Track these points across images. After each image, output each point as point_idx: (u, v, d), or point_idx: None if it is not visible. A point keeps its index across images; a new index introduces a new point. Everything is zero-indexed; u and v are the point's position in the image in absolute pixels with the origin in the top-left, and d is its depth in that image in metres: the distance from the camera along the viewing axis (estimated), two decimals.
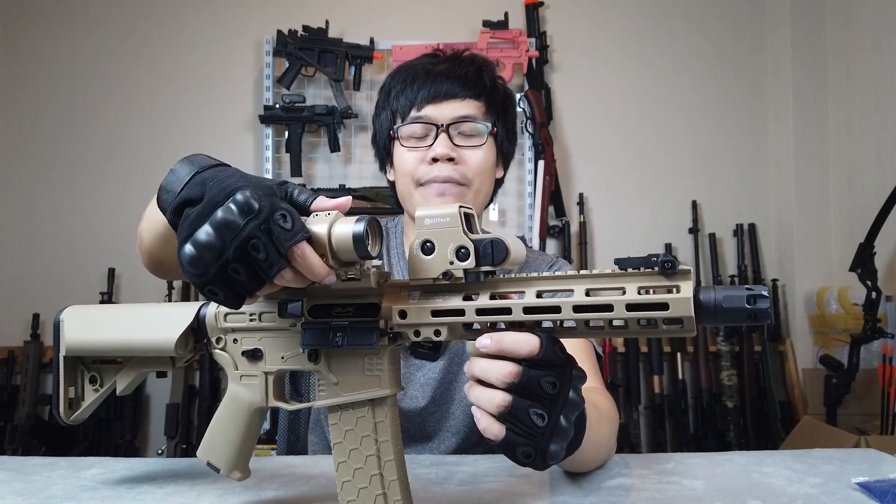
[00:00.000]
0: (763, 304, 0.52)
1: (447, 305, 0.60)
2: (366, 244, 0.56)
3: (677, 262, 0.54)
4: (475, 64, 1.06)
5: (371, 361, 0.64)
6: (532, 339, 0.56)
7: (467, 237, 0.58)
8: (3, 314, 2.64)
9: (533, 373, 0.56)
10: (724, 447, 2.49)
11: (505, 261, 0.58)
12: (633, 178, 2.76)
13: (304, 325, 0.64)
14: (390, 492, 0.62)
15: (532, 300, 0.57)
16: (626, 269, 0.55)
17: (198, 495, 0.78)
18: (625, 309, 0.54)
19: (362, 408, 0.63)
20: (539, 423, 0.55)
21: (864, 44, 2.39)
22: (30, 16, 2.75)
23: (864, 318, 2.07)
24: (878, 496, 0.73)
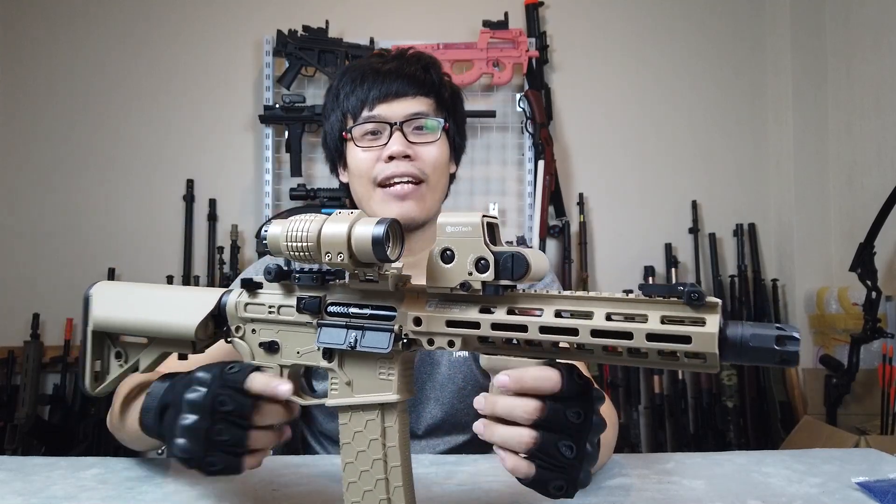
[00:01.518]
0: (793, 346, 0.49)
1: (463, 317, 0.58)
2: (384, 247, 0.57)
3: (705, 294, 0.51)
4: (421, 62, 1.07)
5: (384, 365, 0.63)
6: (553, 374, 0.55)
7: (488, 248, 0.57)
8: (3, 314, 2.64)
9: (557, 406, 0.55)
10: (724, 447, 2.49)
11: (525, 276, 0.56)
12: (633, 178, 2.76)
13: (319, 323, 0.65)
14: (395, 497, 0.62)
15: (550, 319, 0.55)
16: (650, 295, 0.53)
17: (198, 495, 0.78)
18: (644, 338, 0.52)
19: (372, 411, 0.63)
20: (568, 454, 0.55)
21: (864, 44, 2.39)
22: (30, 16, 2.74)
23: (864, 318, 2.07)
24: (878, 496, 0.73)
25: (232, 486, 0.81)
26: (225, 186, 2.71)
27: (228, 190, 2.71)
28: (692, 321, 0.51)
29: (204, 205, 2.67)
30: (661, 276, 2.69)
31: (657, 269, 2.67)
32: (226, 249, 2.61)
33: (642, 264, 2.67)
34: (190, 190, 2.67)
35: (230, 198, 2.71)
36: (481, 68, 2.62)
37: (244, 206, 2.71)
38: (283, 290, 0.68)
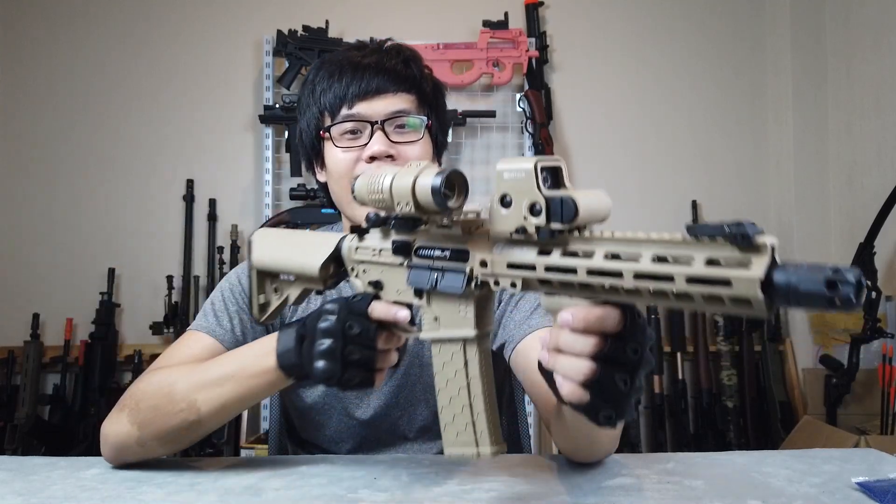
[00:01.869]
0: (846, 290, 0.45)
1: (521, 259, 0.62)
2: (442, 196, 0.64)
3: (753, 235, 0.49)
4: (402, 55, 1.02)
5: (462, 304, 0.68)
6: (615, 314, 0.57)
7: (540, 193, 0.59)
8: (3, 314, 2.64)
9: (618, 342, 0.58)
10: (724, 447, 2.48)
11: (574, 219, 0.58)
12: (633, 178, 2.75)
13: (409, 265, 0.71)
14: (478, 421, 0.67)
15: (597, 262, 0.57)
16: (697, 236, 0.52)
17: (198, 495, 0.78)
18: (685, 282, 0.52)
19: (455, 344, 0.68)
20: (623, 387, 0.57)
21: (864, 44, 2.39)
22: (30, 16, 2.74)
23: (864, 318, 2.07)
24: (878, 496, 0.73)
25: (232, 486, 0.81)
26: (225, 186, 2.71)
27: (228, 190, 2.71)
28: (738, 263, 0.49)
29: (204, 205, 2.67)
30: None
31: None
32: (226, 249, 2.61)
33: None
34: (190, 190, 2.67)
35: (230, 198, 2.71)
36: (481, 68, 2.62)
37: (244, 206, 2.71)
38: (382, 235, 0.75)
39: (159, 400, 0.85)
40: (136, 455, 0.88)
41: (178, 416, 0.84)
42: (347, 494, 0.77)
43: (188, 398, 0.84)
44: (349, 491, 0.78)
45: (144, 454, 0.88)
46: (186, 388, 0.84)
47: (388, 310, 0.73)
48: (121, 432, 0.86)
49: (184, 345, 0.97)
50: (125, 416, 0.86)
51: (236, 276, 1.05)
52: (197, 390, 0.84)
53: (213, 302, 1.02)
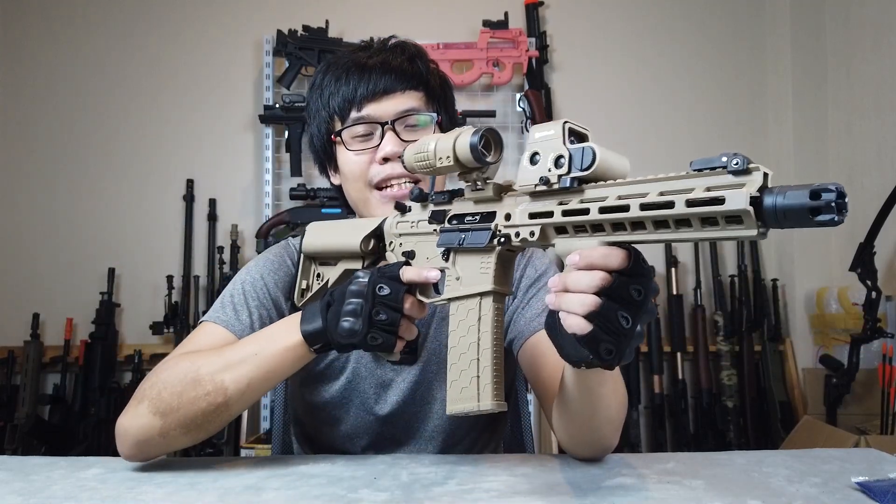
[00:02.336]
0: (829, 196, 0.48)
1: (540, 208, 0.67)
2: (480, 151, 0.71)
3: (747, 163, 0.53)
4: (407, 52, 1.02)
5: (485, 259, 0.73)
6: (620, 252, 0.61)
7: (565, 147, 0.65)
8: (3, 314, 2.64)
9: (623, 279, 0.61)
10: (724, 447, 2.48)
11: (592, 166, 0.63)
12: (632, 178, 2.75)
13: (442, 229, 0.78)
14: (482, 376, 0.71)
15: (608, 201, 0.61)
16: (699, 170, 0.56)
17: (198, 495, 0.78)
18: (685, 205, 0.55)
19: (473, 300, 0.73)
20: (625, 324, 0.61)
21: (864, 44, 2.39)
22: (30, 16, 2.75)
23: (864, 318, 2.07)
24: (878, 496, 0.73)
25: (232, 486, 0.81)
26: (225, 186, 2.71)
27: (228, 190, 2.71)
28: (732, 186, 0.53)
29: (204, 205, 2.67)
30: (661, 276, 2.69)
31: (657, 269, 2.67)
32: (226, 249, 2.61)
33: None
34: (190, 190, 2.67)
35: (230, 198, 2.71)
36: (481, 68, 2.62)
37: (244, 205, 2.71)
38: (421, 209, 0.83)
39: (184, 386, 0.83)
40: (158, 447, 0.85)
41: (206, 399, 0.82)
42: (347, 494, 0.77)
43: (214, 380, 0.82)
44: (349, 491, 0.78)
45: (166, 446, 0.85)
46: (212, 371, 0.83)
47: (419, 272, 0.78)
48: (142, 425, 0.83)
49: (200, 335, 0.95)
50: (145, 407, 0.83)
51: (259, 272, 1.02)
52: (223, 371, 0.83)
53: (233, 294, 0.99)
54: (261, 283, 1.00)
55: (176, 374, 0.84)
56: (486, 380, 0.70)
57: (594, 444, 0.89)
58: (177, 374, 0.84)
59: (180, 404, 0.82)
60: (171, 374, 0.84)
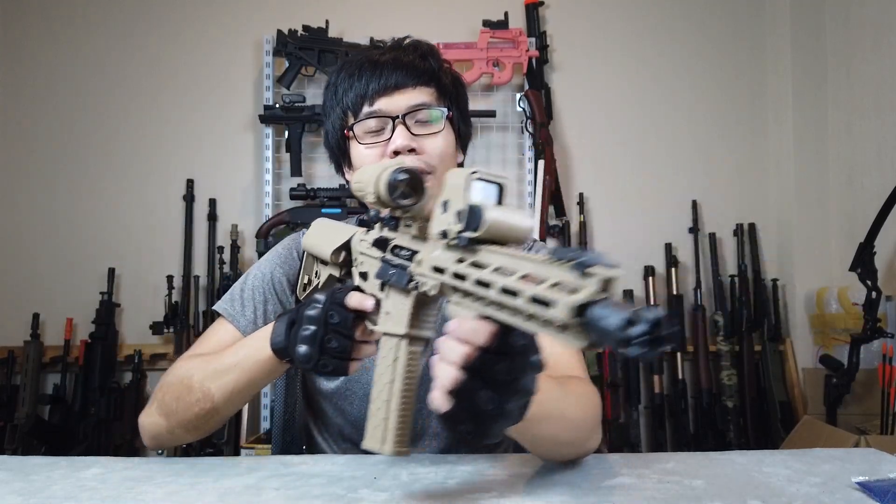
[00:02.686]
0: (636, 330, 0.43)
1: (440, 263, 0.63)
2: (396, 191, 0.70)
3: (592, 263, 0.48)
4: (419, 50, 1.05)
5: (405, 301, 0.71)
6: (487, 328, 0.57)
7: (465, 202, 0.61)
8: (3, 314, 2.64)
9: (488, 358, 0.57)
10: (724, 447, 2.48)
11: (479, 229, 0.59)
12: (633, 178, 2.76)
13: (382, 259, 0.76)
14: (390, 420, 0.68)
15: (483, 273, 0.57)
16: (559, 259, 0.52)
17: (198, 495, 0.78)
18: (528, 300, 0.51)
19: (392, 339, 0.71)
20: (486, 406, 0.57)
21: (864, 44, 2.39)
22: (30, 16, 2.74)
23: (864, 318, 2.07)
24: (878, 496, 0.73)
25: (232, 486, 0.81)
26: (225, 186, 2.71)
27: (228, 190, 2.71)
28: (571, 290, 0.49)
29: (204, 205, 2.68)
30: (662, 276, 2.69)
31: (657, 269, 2.67)
32: (226, 249, 2.61)
33: (642, 264, 2.67)
34: (190, 190, 2.67)
35: (230, 198, 2.71)
36: (481, 68, 2.62)
37: (244, 205, 2.71)
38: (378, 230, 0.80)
39: (180, 391, 0.92)
40: (168, 442, 0.96)
41: (197, 405, 0.90)
42: (347, 494, 0.77)
43: (203, 388, 0.90)
44: (349, 491, 0.78)
45: (175, 441, 0.96)
46: (201, 379, 0.90)
47: (361, 300, 0.76)
48: (153, 423, 0.95)
49: (211, 334, 1.05)
50: (154, 408, 0.95)
51: (268, 266, 1.09)
52: (210, 380, 0.90)
53: (244, 288, 1.07)
54: (269, 277, 1.07)
55: (176, 379, 0.93)
56: (392, 424, 0.68)
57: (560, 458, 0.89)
58: (176, 380, 0.93)
59: (178, 408, 0.92)
60: (174, 378, 0.94)
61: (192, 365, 0.94)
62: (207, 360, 0.93)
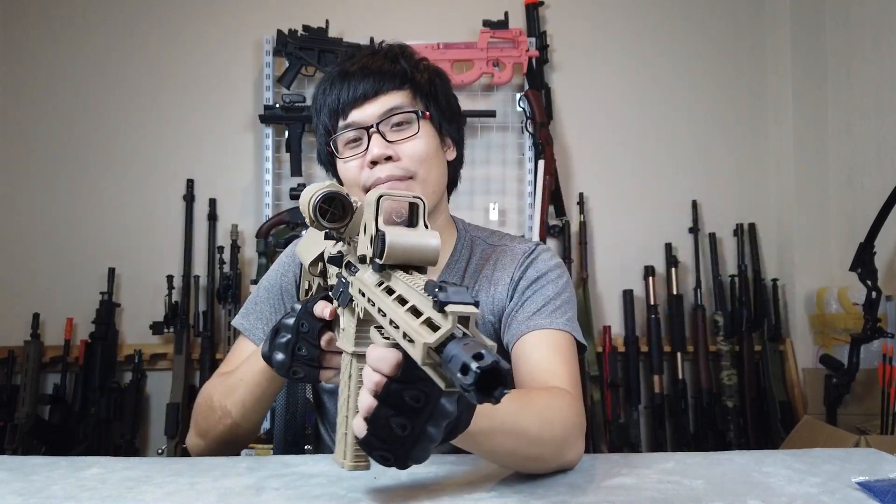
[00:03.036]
0: (468, 378, 0.43)
1: (363, 286, 0.65)
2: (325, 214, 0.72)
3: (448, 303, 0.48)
4: (390, 53, 1.03)
5: (351, 319, 0.71)
6: (391, 357, 0.57)
7: (375, 226, 0.62)
8: (3, 314, 2.63)
9: (395, 386, 0.57)
10: (724, 447, 2.48)
11: (382, 255, 0.60)
12: (633, 178, 2.76)
13: (338, 275, 0.77)
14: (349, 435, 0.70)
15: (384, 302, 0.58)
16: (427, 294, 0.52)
17: (198, 495, 0.78)
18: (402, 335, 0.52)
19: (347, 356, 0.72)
20: (399, 432, 0.57)
21: (864, 44, 2.39)
22: (30, 16, 2.74)
23: (864, 318, 2.07)
24: (878, 496, 0.73)
25: (232, 486, 0.81)
26: (225, 186, 2.71)
27: (228, 190, 2.71)
28: (434, 326, 0.50)
29: (204, 204, 2.68)
30: (662, 276, 2.69)
31: (657, 269, 2.67)
32: (226, 249, 2.61)
33: (642, 264, 2.67)
34: (190, 190, 2.67)
35: (230, 198, 2.71)
36: (481, 68, 2.62)
37: (244, 205, 2.71)
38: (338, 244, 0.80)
39: (206, 411, 0.99)
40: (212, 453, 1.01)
41: (220, 422, 0.97)
42: (347, 494, 0.77)
43: (221, 405, 0.97)
44: (349, 491, 0.78)
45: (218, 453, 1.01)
46: (219, 397, 0.97)
47: (322, 309, 0.79)
48: (195, 445, 1.03)
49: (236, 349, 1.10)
50: (192, 430, 1.03)
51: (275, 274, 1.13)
52: (225, 396, 0.96)
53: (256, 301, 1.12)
54: (277, 288, 1.11)
55: (203, 399, 1.01)
56: (351, 439, 0.69)
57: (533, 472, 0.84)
58: (203, 400, 1.01)
59: (208, 427, 0.99)
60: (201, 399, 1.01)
61: (214, 384, 1.01)
62: (224, 378, 0.99)
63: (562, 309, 1.01)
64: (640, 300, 2.68)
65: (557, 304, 1.01)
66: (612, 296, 2.71)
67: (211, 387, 1.01)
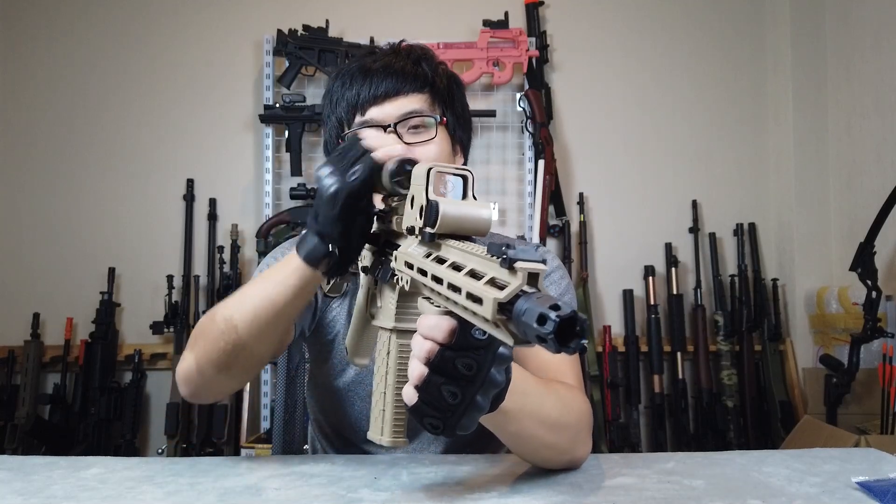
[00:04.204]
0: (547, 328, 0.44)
1: (410, 258, 0.64)
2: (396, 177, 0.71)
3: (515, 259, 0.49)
4: (412, 55, 1.02)
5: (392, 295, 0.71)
6: (445, 325, 0.58)
7: (426, 197, 0.62)
8: (3, 314, 2.64)
9: (448, 354, 0.58)
10: (724, 447, 2.48)
11: (436, 224, 0.60)
12: (633, 178, 2.76)
13: (373, 253, 0.76)
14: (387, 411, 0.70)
15: (438, 269, 0.58)
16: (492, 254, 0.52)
17: (198, 495, 0.78)
18: (466, 296, 0.52)
19: (385, 333, 0.72)
20: (451, 400, 0.58)
21: (864, 44, 2.39)
22: (30, 16, 2.74)
23: (864, 318, 2.07)
24: (878, 496, 0.73)
25: (232, 486, 0.81)
26: (225, 186, 2.71)
27: (228, 190, 2.71)
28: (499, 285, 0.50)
29: (204, 204, 2.68)
30: (662, 276, 2.69)
31: (657, 269, 2.67)
32: (226, 249, 2.61)
33: (642, 264, 2.67)
34: (190, 190, 2.67)
35: (230, 197, 2.71)
36: (481, 68, 2.62)
37: (244, 205, 2.71)
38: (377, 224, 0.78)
39: (206, 326, 0.87)
40: (199, 385, 0.90)
41: (222, 337, 0.84)
42: (347, 494, 0.77)
43: (226, 318, 0.85)
44: (349, 491, 0.79)
45: (206, 383, 0.89)
46: (224, 310, 0.86)
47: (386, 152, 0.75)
48: (186, 366, 0.89)
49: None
50: (188, 351, 0.90)
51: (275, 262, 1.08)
52: (233, 309, 0.85)
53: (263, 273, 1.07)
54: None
55: (205, 319, 0.90)
56: (389, 416, 0.70)
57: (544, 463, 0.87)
58: (205, 318, 0.90)
59: (205, 344, 0.86)
60: (203, 318, 0.91)
61: (220, 303, 0.90)
62: (233, 295, 0.89)
63: None
64: (640, 300, 2.68)
65: None
66: (612, 296, 2.71)
67: (218, 305, 0.90)
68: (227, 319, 0.84)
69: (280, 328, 0.86)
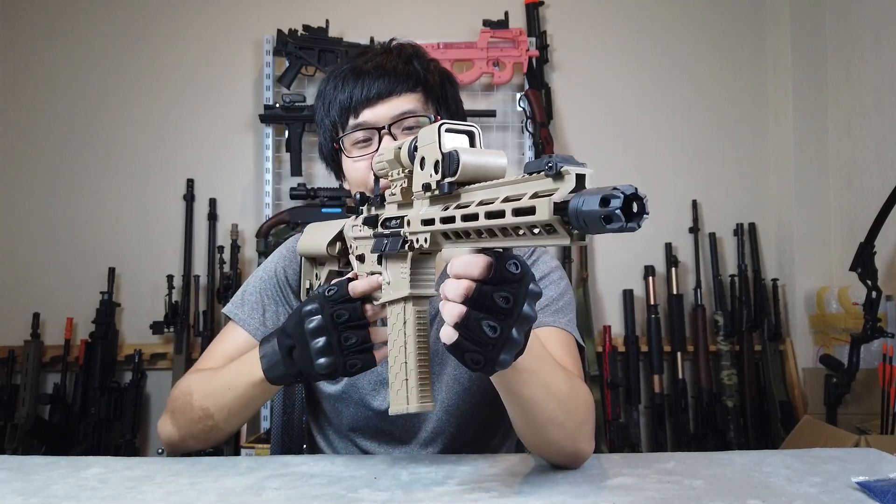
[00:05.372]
0: (614, 204, 0.46)
1: (426, 215, 0.66)
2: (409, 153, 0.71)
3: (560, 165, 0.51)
4: (404, 54, 1.02)
5: (402, 266, 0.73)
6: (481, 261, 0.60)
7: (440, 151, 0.64)
8: (3, 314, 2.64)
9: (486, 288, 0.60)
10: (724, 447, 2.49)
11: (457, 172, 0.62)
12: (633, 178, 2.73)
13: (374, 234, 0.78)
14: (410, 378, 0.72)
15: (469, 208, 0.60)
16: (530, 173, 0.55)
17: (198, 495, 0.78)
18: (512, 214, 0.54)
19: (398, 304, 0.74)
20: (491, 334, 0.60)
21: (864, 44, 2.39)
22: (30, 16, 2.74)
23: (864, 318, 2.07)
24: (878, 496, 0.73)
25: (232, 486, 0.81)
26: (225, 186, 2.71)
27: (228, 189, 2.71)
28: (545, 194, 0.52)
29: (204, 204, 2.68)
30: (662, 276, 2.69)
31: (657, 269, 2.67)
32: (226, 249, 2.61)
33: (642, 264, 2.67)
34: (190, 189, 2.67)
35: (230, 197, 2.71)
36: (481, 68, 2.62)
37: (244, 205, 2.71)
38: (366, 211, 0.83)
39: (184, 407, 0.95)
40: (183, 450, 0.99)
41: (199, 422, 0.94)
42: (347, 494, 0.77)
43: (202, 406, 0.93)
44: (349, 491, 0.79)
45: (189, 449, 0.98)
46: (200, 397, 0.94)
47: (369, 283, 0.79)
48: (167, 433, 0.98)
49: (224, 337, 1.07)
50: (168, 418, 0.98)
51: (274, 265, 1.11)
52: (208, 398, 0.93)
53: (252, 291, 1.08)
54: (273, 277, 1.09)
55: (181, 393, 0.96)
56: (413, 382, 0.71)
57: (548, 448, 0.86)
58: (181, 393, 0.96)
59: (184, 423, 0.95)
60: (179, 392, 0.97)
61: (195, 380, 0.96)
62: (208, 377, 0.95)
63: (564, 310, 1.02)
64: (640, 300, 2.68)
65: (560, 305, 1.02)
66: (612, 296, 2.71)
67: (192, 383, 0.96)
68: (204, 409, 0.93)
69: (253, 411, 0.95)
